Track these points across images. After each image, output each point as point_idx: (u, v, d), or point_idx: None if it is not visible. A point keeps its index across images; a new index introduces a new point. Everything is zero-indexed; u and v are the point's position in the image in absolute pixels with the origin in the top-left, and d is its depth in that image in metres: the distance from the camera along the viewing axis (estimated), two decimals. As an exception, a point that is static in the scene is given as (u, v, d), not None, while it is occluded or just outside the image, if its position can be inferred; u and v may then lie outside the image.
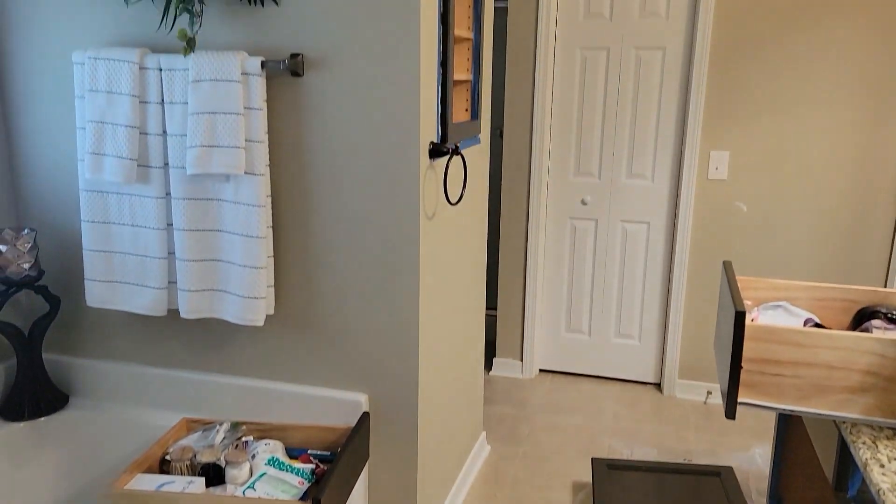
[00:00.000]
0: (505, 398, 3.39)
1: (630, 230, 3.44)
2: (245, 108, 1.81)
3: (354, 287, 1.93)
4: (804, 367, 1.36)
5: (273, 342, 2.04)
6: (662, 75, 3.24)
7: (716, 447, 2.96)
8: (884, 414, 1.33)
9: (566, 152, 3.44)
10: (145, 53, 1.86)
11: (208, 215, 1.90)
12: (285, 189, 1.92)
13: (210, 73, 1.78)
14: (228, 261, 1.92)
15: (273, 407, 2.05)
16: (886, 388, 1.32)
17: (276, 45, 1.83)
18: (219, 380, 2.09)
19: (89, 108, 1.89)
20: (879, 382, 1.32)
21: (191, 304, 1.95)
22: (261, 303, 1.91)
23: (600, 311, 3.57)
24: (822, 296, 1.65)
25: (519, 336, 3.64)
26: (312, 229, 1.93)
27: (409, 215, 1.84)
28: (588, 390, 3.49)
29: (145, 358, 2.17)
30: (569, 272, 3.57)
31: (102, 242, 2.00)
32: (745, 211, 3.20)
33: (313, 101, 1.84)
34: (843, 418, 1.35)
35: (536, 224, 3.48)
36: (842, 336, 1.32)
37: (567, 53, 3.34)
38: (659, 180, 3.35)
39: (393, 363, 1.96)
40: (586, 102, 3.36)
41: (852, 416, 1.35)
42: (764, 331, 1.37)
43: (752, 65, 3.07)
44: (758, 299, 1.70)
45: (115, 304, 2.04)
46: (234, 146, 1.80)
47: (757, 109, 3.10)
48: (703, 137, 3.20)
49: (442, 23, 1.91)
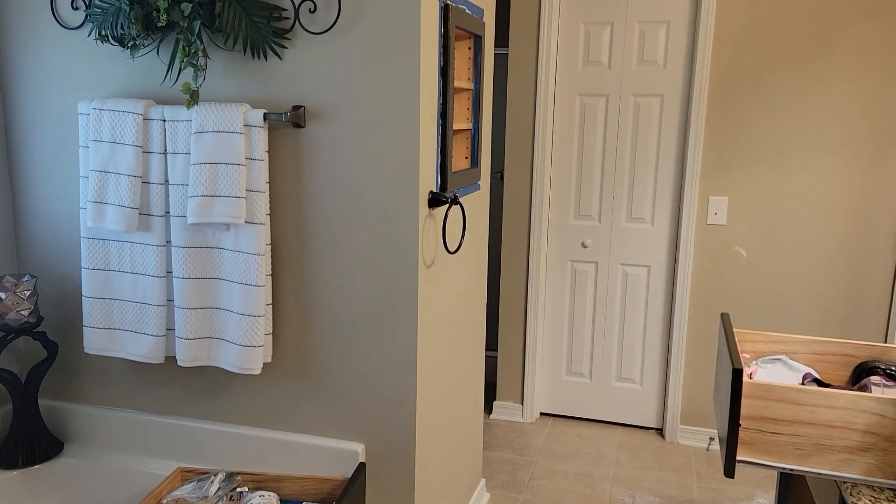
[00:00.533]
0: (505, 443, 3.35)
1: (630, 273, 3.45)
2: (247, 159, 1.83)
3: (352, 336, 1.93)
4: (803, 425, 1.35)
5: (270, 390, 2.03)
6: (661, 121, 3.28)
7: (718, 496, 2.91)
8: (884, 475, 1.31)
9: (566, 195, 3.46)
10: (150, 105, 1.89)
11: (208, 263, 1.91)
12: (285, 237, 1.93)
13: (213, 124, 1.81)
14: (227, 309, 1.92)
15: (269, 456, 2.03)
16: (887, 448, 1.30)
17: (279, 97, 1.86)
18: (215, 428, 2.07)
19: (93, 158, 1.92)
20: (879, 442, 1.31)
21: (188, 352, 1.94)
22: (258, 351, 1.90)
23: (601, 355, 3.55)
24: (820, 350, 1.65)
25: (519, 379, 3.61)
26: (311, 277, 1.93)
27: (408, 264, 1.85)
28: (589, 435, 3.45)
29: (142, 405, 2.16)
30: (569, 315, 3.57)
31: (102, 289, 2.01)
32: (744, 256, 3.21)
33: (314, 152, 1.86)
34: (843, 478, 1.34)
35: (537, 266, 3.49)
36: (840, 395, 1.32)
37: (566, 99, 3.38)
38: (659, 224, 3.36)
39: (390, 413, 1.94)
40: (586, 147, 3.40)
41: (852, 477, 1.33)
42: (762, 388, 1.36)
43: (750, 111, 3.10)
44: (756, 352, 1.69)
45: (112, 351, 2.04)
46: (235, 196, 1.82)
47: (755, 155, 3.12)
48: (702, 183, 3.22)
49: (442, 75, 1.94)
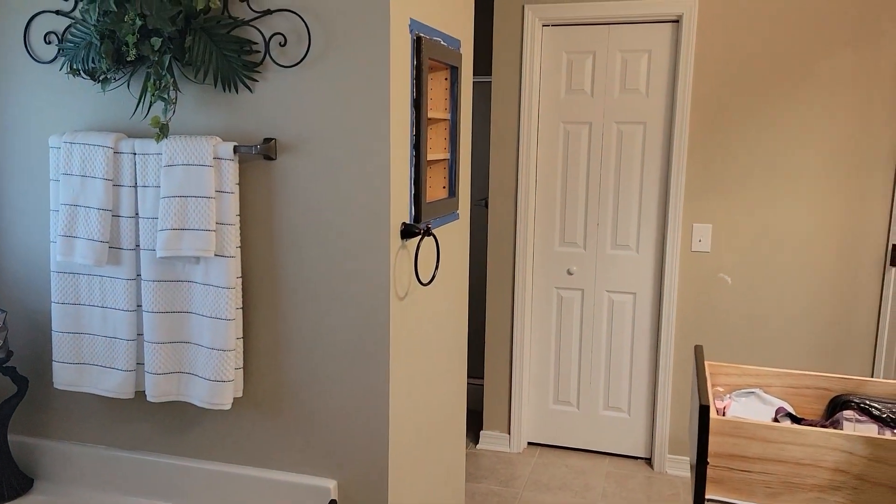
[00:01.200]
0: (491, 474, 3.30)
1: (616, 301, 3.42)
2: (216, 192, 1.82)
3: (324, 369, 1.90)
4: (772, 463, 1.32)
5: (241, 425, 2.00)
6: (644, 149, 3.28)
7: (706, 528, 2.86)
8: (856, 514, 1.28)
9: (551, 222, 3.45)
10: (120, 138, 1.88)
11: (178, 297, 1.89)
12: (256, 270, 1.92)
13: (182, 157, 1.80)
14: (197, 343, 1.89)
15: (241, 493, 1.99)
16: (857, 486, 1.27)
17: (250, 130, 1.86)
18: (187, 464, 2.04)
19: (63, 191, 1.91)
20: (849, 480, 1.28)
21: (157, 387, 1.91)
22: (228, 386, 1.88)
23: (588, 383, 3.52)
24: (795, 383, 1.62)
25: (506, 408, 3.57)
26: (282, 310, 1.91)
27: (380, 297, 1.83)
28: (576, 465, 3.40)
29: (113, 441, 2.13)
30: (556, 342, 3.54)
31: (72, 324, 1.98)
32: (729, 283, 3.19)
33: (286, 184, 1.85)
34: (814, 518, 1.31)
35: (522, 294, 3.46)
36: (809, 432, 1.29)
37: (550, 127, 3.39)
38: (644, 251, 3.35)
39: (363, 448, 1.91)
40: (570, 174, 3.40)
41: (824, 516, 1.30)
42: (730, 425, 1.34)
43: (732, 138, 3.11)
44: (730, 385, 1.67)
45: (82, 386, 2.00)
46: (204, 229, 1.81)
47: (738, 183, 3.12)
48: (686, 210, 3.22)
49: (415, 107, 1.94)
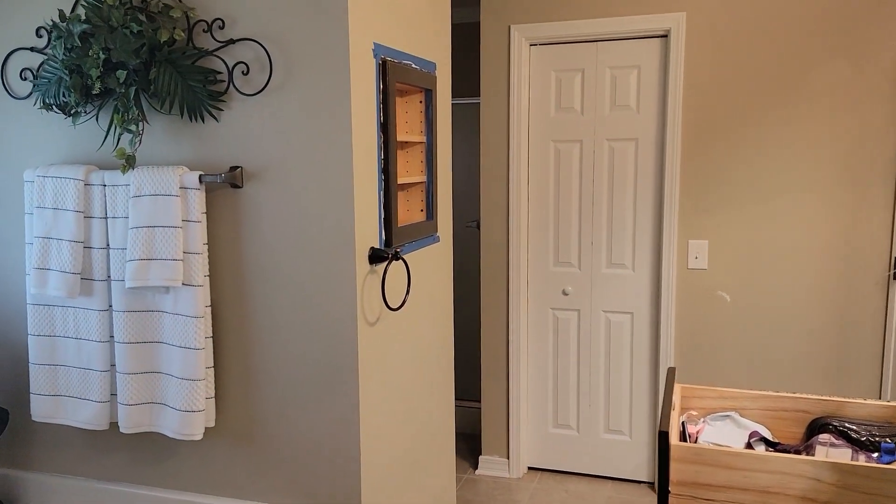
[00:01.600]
0: (488, 500, 3.24)
1: (614, 321, 3.37)
2: (183, 221, 1.82)
3: (294, 398, 1.88)
4: (738, 491, 1.27)
5: (214, 455, 1.98)
6: (636, 165, 3.24)
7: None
8: (825, 544, 1.22)
9: (545, 243, 3.42)
10: (91, 170, 1.89)
11: (148, 327, 1.88)
12: (225, 299, 1.91)
13: (150, 188, 1.81)
14: (167, 373, 1.88)
15: (215, 525, 1.97)
16: (826, 515, 1.22)
17: (217, 159, 1.86)
18: (162, 495, 2.02)
19: (37, 224, 1.92)
20: (817, 509, 1.22)
21: (130, 418, 1.90)
22: (199, 416, 1.86)
23: (587, 406, 3.45)
24: (772, 405, 1.57)
25: (504, 432, 3.51)
26: (252, 339, 1.90)
27: (347, 323, 1.81)
28: (577, 491, 3.33)
29: (92, 472, 2.12)
30: (553, 364, 3.48)
31: (47, 356, 1.98)
32: (728, 301, 3.13)
33: (252, 212, 1.85)
34: (782, 548, 1.25)
35: (517, 315, 3.42)
36: (773, 458, 1.24)
37: (541, 146, 3.37)
38: (640, 270, 3.29)
39: (335, 477, 1.88)
40: (562, 193, 3.36)
41: (792, 547, 1.24)
42: (692, 452, 1.29)
43: (725, 152, 3.06)
44: (706, 409, 1.62)
45: (59, 418, 2.00)
46: (172, 258, 1.80)
47: (733, 197, 3.07)
48: (681, 226, 3.16)
49: (382, 131, 1.93)
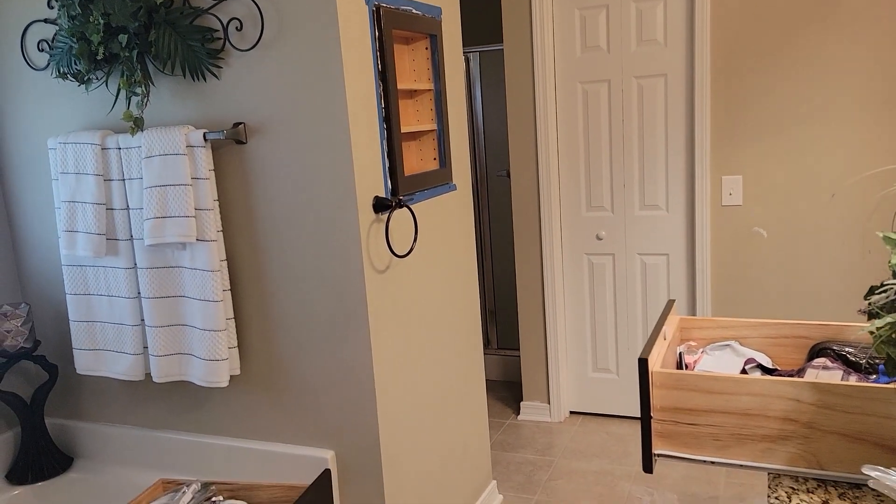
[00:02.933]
0: (528, 444, 3.29)
1: (649, 263, 3.32)
2: (193, 179, 1.89)
3: (311, 344, 1.95)
4: (719, 415, 1.26)
5: (242, 401, 2.08)
6: (666, 102, 3.15)
7: (746, 491, 2.75)
8: (808, 464, 1.21)
9: (576, 188, 3.38)
10: (106, 135, 1.99)
11: (170, 282, 1.99)
12: (240, 253, 1.98)
13: (159, 148, 1.88)
14: (191, 325, 1.99)
15: (245, 466, 2.08)
16: (808, 435, 1.20)
17: (221, 116, 1.92)
18: (197, 440, 2.15)
19: (62, 189, 2.03)
20: (799, 429, 1.20)
21: (161, 368, 2.02)
22: (223, 365, 1.96)
23: (626, 349, 3.43)
24: (772, 333, 1.54)
25: (544, 378, 3.54)
26: (267, 290, 1.97)
27: (354, 271, 1.86)
28: (617, 432, 3.34)
29: (135, 421, 2.27)
30: (590, 310, 3.47)
31: (84, 313, 2.12)
32: (765, 236, 3.03)
33: (257, 167, 1.90)
34: (765, 469, 1.24)
35: (551, 262, 3.41)
36: (752, 381, 1.22)
37: (567, 89, 3.30)
38: (674, 210, 3.22)
39: (354, 420, 1.95)
40: (591, 136, 3.30)
41: (775, 467, 1.24)
42: (672, 378, 1.28)
43: (757, 83, 2.93)
44: (706, 339, 1.60)
45: (99, 370, 2.14)
46: (184, 215, 1.88)
47: (766, 130, 2.94)
48: (713, 163, 3.06)
49: (381, 80, 1.94)
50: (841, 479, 1.18)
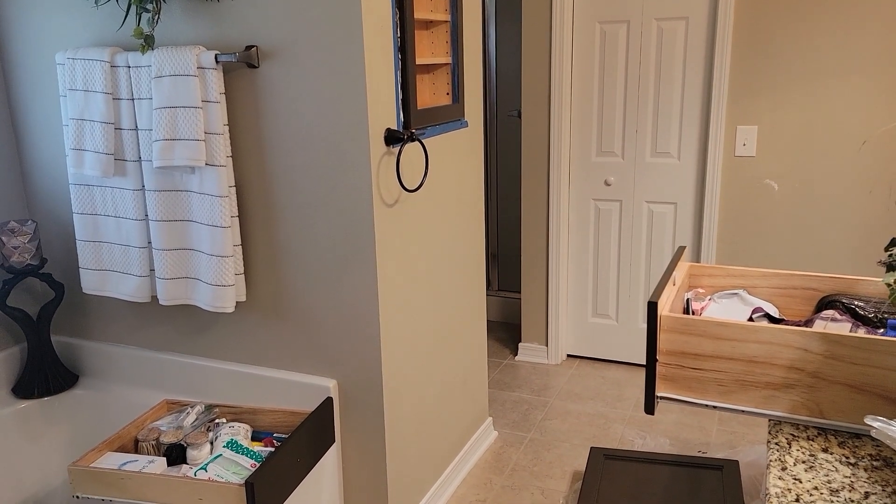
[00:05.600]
0: (525, 384, 3.35)
1: (656, 211, 3.30)
2: (203, 102, 1.86)
3: (317, 274, 1.96)
4: (724, 360, 1.27)
5: (247, 327, 2.10)
6: (686, 47, 3.07)
7: (736, 439, 2.81)
8: (810, 412, 1.22)
9: (587, 132, 3.33)
10: (116, 52, 1.94)
11: (178, 206, 1.97)
12: (249, 179, 1.96)
13: (169, 68, 1.84)
14: (198, 249, 1.98)
15: (248, 390, 2.12)
16: (812, 384, 1.21)
17: (234, 38, 1.87)
18: (201, 363, 2.17)
19: (70, 106, 2.00)
20: (804, 378, 1.21)
21: (167, 291, 2.03)
22: (229, 290, 1.96)
23: (627, 296, 3.45)
24: (782, 283, 1.54)
25: (543, 321, 3.57)
26: (276, 218, 1.96)
27: (363, 202, 1.84)
28: (613, 377, 3.39)
29: (140, 342, 2.29)
30: (593, 255, 3.47)
31: (91, 233, 2.12)
32: (776, 189, 3.00)
33: (269, 92, 1.87)
34: (766, 415, 1.26)
35: (558, 206, 3.39)
36: (761, 329, 1.23)
37: (585, 28, 3.22)
38: (685, 159, 3.18)
39: (357, 350, 1.97)
40: (607, 79, 3.24)
41: (776, 414, 1.25)
42: (680, 322, 1.29)
43: (780, 32, 2.85)
44: (714, 287, 1.60)
45: (105, 290, 2.15)
46: (194, 139, 1.86)
47: (786, 80, 2.88)
48: (729, 111, 3.01)
49: (398, 7, 1.88)
50: (841, 428, 1.20)
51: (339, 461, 2.09)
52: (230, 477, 1.70)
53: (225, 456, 1.76)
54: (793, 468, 1.10)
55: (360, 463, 2.07)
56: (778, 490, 1.04)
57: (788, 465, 1.11)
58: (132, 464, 1.74)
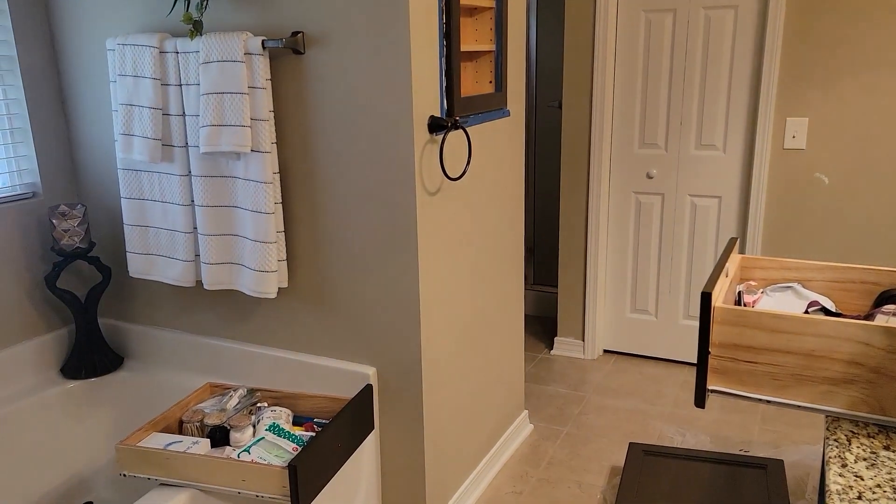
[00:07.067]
0: (561, 378, 3.32)
1: (700, 205, 3.24)
2: (249, 88, 1.87)
3: (359, 262, 1.96)
4: (780, 354, 1.23)
5: (289, 314, 2.11)
6: (734, 36, 3.00)
7: (780, 439, 2.75)
8: (870, 409, 1.18)
9: (630, 123, 3.28)
10: (164, 38, 1.96)
11: (223, 192, 1.99)
12: (293, 165, 1.97)
13: (217, 54, 1.85)
14: (242, 235, 2.00)
15: (289, 376, 2.13)
16: (873, 380, 1.17)
17: (280, 24, 1.87)
18: (243, 348, 2.20)
19: (120, 92, 2.03)
20: (865, 374, 1.17)
21: (211, 276, 2.05)
22: (272, 276, 1.98)
23: (667, 292, 3.40)
24: (839, 277, 1.49)
25: (580, 315, 3.53)
26: (319, 205, 1.97)
27: (406, 190, 1.84)
28: (651, 373, 3.34)
29: (184, 325, 2.32)
30: (633, 250, 3.42)
31: (138, 217, 2.15)
32: (826, 183, 2.92)
33: (315, 79, 1.87)
34: (824, 411, 1.22)
35: (598, 199, 3.35)
36: (821, 322, 1.19)
37: (630, 17, 3.16)
38: (731, 151, 3.11)
39: (397, 338, 1.97)
40: (651, 69, 3.18)
41: (834, 410, 1.21)
42: (734, 314, 1.26)
43: (833, 21, 2.77)
44: (766, 280, 1.56)
45: (151, 274, 2.19)
46: (240, 125, 1.87)
47: (839, 71, 2.80)
48: (779, 103, 2.94)
49: (445, -7, 1.87)
50: (904, 425, 1.16)
51: (377, 448, 2.10)
52: (272, 460, 1.71)
53: (267, 439, 1.77)
54: (853, 465, 1.06)
55: (398, 450, 2.07)
56: (839, 487, 1.00)
57: (849, 462, 1.07)
58: (177, 444, 1.77)
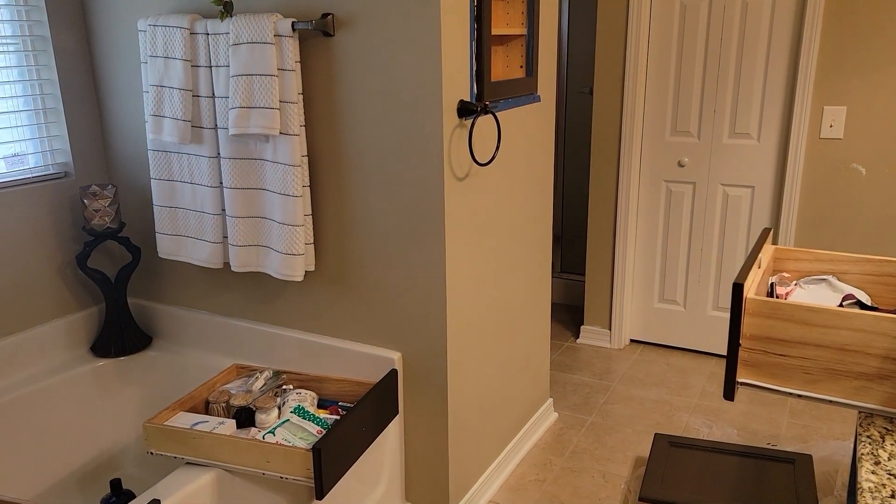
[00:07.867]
0: (586, 367, 3.30)
1: (732, 195, 3.18)
2: (279, 70, 1.86)
3: (385, 246, 1.96)
4: (812, 348, 1.20)
5: (315, 297, 2.12)
6: (772, 22, 2.92)
7: (809, 433, 2.70)
8: (906, 406, 1.15)
9: (662, 110, 3.22)
10: (195, 19, 1.97)
11: (252, 174, 2.00)
12: (321, 149, 1.97)
13: (247, 35, 1.85)
14: (270, 218, 2.01)
15: (314, 359, 2.14)
16: (910, 377, 1.14)
17: (311, 6, 1.86)
18: (270, 331, 2.21)
19: (150, 73, 2.04)
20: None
21: (239, 258, 2.07)
22: (299, 259, 1.98)
23: (696, 282, 3.35)
24: (875, 270, 1.45)
25: (607, 304, 3.50)
26: (346, 189, 1.97)
27: (434, 175, 1.82)
28: (678, 364, 3.30)
29: (211, 307, 2.35)
30: (662, 239, 3.37)
31: (168, 198, 2.17)
32: (863, 174, 2.84)
33: (344, 61, 1.86)
34: (857, 407, 1.19)
35: (627, 187, 3.31)
36: (856, 315, 1.16)
37: (664, 2, 3.10)
38: (766, 140, 3.05)
39: (422, 323, 1.97)
40: (685, 56, 3.12)
41: (868, 406, 1.18)
42: (767, 306, 1.23)
43: (873, 7, 2.68)
44: (800, 272, 1.52)
45: (180, 255, 2.21)
46: (269, 107, 1.87)
47: (879, 59, 2.71)
48: (816, 91, 2.86)
49: (476, -25, 1.84)
50: (941, 424, 1.13)
51: (401, 433, 2.10)
52: (297, 442, 1.73)
53: (292, 421, 1.79)
54: (887, 463, 1.03)
55: (422, 435, 2.08)
56: (871, 485, 0.98)
57: (882, 459, 1.04)
58: (203, 424, 1.79)
